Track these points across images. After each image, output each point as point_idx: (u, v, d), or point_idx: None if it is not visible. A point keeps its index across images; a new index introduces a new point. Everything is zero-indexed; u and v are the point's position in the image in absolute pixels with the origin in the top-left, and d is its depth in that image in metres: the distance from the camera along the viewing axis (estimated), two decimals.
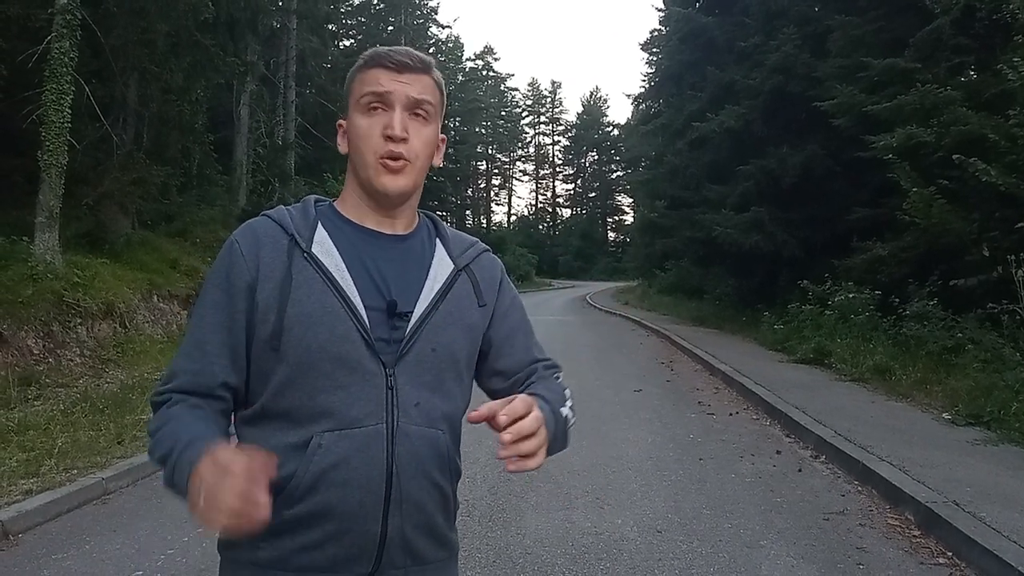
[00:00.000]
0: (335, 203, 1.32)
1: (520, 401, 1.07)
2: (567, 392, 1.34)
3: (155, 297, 11.35)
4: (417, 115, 1.25)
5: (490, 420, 1.07)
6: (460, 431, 1.32)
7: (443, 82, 1.32)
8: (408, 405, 1.19)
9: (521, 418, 1.06)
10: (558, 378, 1.39)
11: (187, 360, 1.20)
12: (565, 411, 1.27)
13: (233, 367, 1.20)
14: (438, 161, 1.34)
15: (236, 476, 0.95)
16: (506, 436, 1.04)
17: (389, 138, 1.21)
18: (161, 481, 1.13)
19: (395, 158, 1.22)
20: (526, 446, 1.05)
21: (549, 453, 1.16)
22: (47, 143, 9.44)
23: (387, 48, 1.27)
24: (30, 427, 6.09)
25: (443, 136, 1.35)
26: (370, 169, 1.23)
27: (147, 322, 10.73)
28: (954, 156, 8.45)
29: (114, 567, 3.93)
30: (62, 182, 9.66)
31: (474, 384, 1.38)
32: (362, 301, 1.19)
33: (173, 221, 15.03)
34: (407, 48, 1.28)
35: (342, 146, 1.30)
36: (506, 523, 4.56)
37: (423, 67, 1.26)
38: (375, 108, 1.24)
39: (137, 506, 4.94)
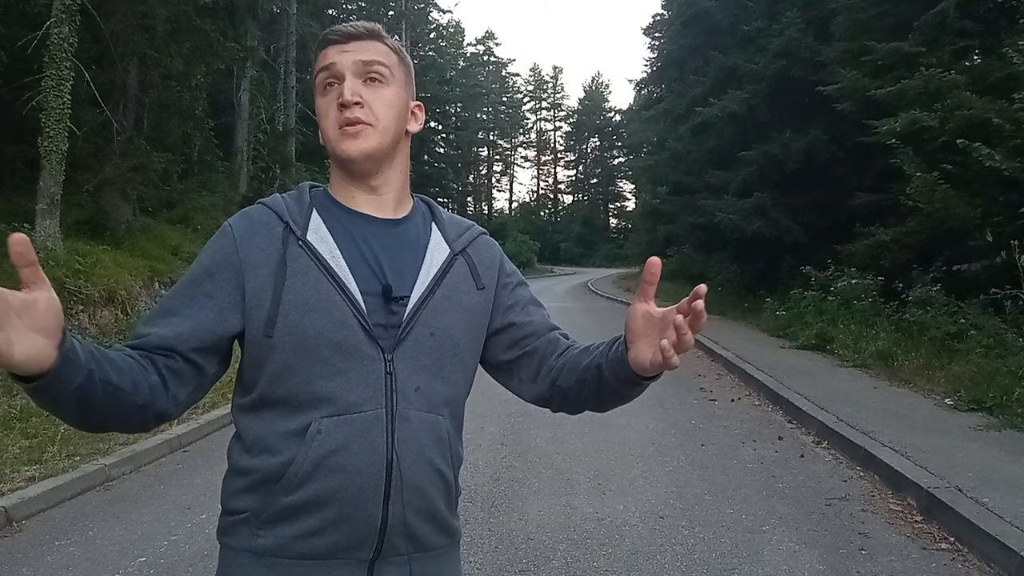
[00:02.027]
0: (328, 188, 1.31)
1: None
2: None
3: (156, 284, 11.34)
4: (372, 79, 1.23)
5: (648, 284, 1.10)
6: (462, 417, 1.31)
7: (400, 48, 1.31)
8: (408, 390, 1.18)
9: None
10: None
11: (144, 326, 1.17)
12: None
13: (191, 336, 1.16)
14: (415, 128, 1.32)
15: None
16: (700, 305, 1.02)
17: (342, 105, 1.20)
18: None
19: (351, 123, 1.21)
20: (688, 337, 1.04)
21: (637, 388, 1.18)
22: (47, 129, 9.41)
23: (334, 26, 1.26)
24: (33, 414, 6.09)
25: (418, 103, 1.34)
26: (332, 142, 1.23)
27: (149, 309, 10.72)
28: (958, 140, 8.40)
29: (117, 553, 3.94)
30: (63, 168, 9.64)
31: (478, 371, 1.36)
32: (358, 287, 1.17)
33: (174, 208, 15.00)
34: (358, 21, 1.27)
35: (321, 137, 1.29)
36: (508, 509, 4.57)
37: (370, 34, 1.26)
38: (330, 85, 1.23)
39: (140, 492, 4.95)
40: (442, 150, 54.19)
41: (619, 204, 78.60)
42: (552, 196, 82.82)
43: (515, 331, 1.33)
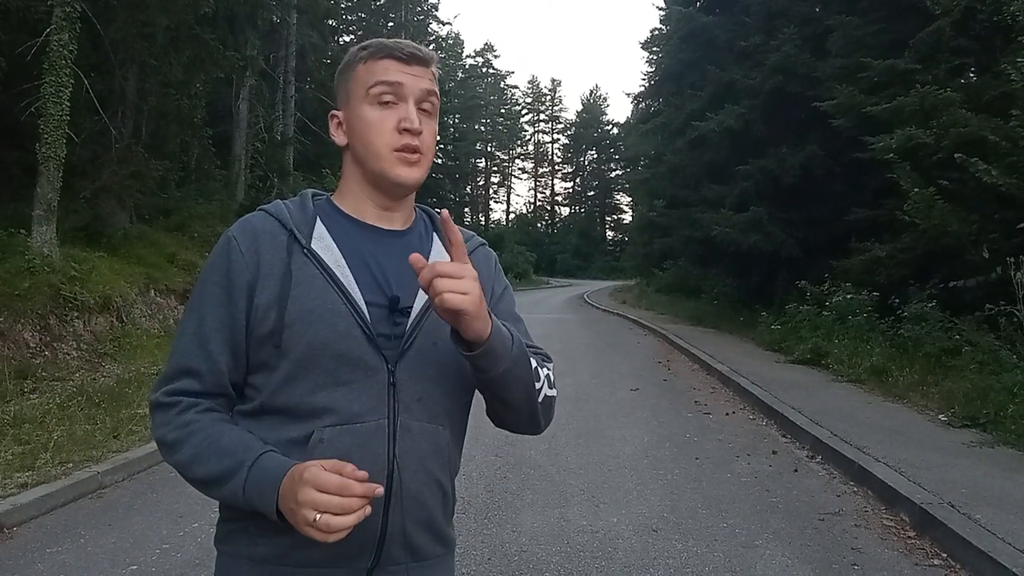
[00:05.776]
0: (332, 197, 1.31)
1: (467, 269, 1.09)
2: (550, 375, 1.30)
3: (152, 291, 11.33)
4: (424, 109, 1.25)
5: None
6: (464, 427, 1.32)
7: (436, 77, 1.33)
8: (410, 400, 1.19)
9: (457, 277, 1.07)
10: (546, 366, 1.34)
11: (192, 359, 1.19)
12: (542, 377, 1.24)
13: (235, 364, 1.20)
14: None
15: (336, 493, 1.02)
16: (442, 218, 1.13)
17: (407, 131, 1.21)
18: (218, 494, 1.15)
19: (413, 151, 1.22)
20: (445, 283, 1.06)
21: (506, 380, 1.17)
22: (45, 136, 9.41)
23: (392, 40, 1.27)
24: (26, 420, 6.07)
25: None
26: (384, 161, 1.22)
27: (144, 316, 10.71)
28: (956, 155, 8.45)
29: (109, 561, 3.92)
30: (60, 175, 9.64)
31: None
32: (363, 297, 1.18)
33: (171, 215, 15.00)
34: (409, 41, 1.27)
35: (338, 137, 1.28)
36: (502, 520, 4.56)
37: (429, 60, 1.27)
38: (388, 102, 1.23)
39: (132, 500, 4.93)
40: (440, 161, 54.28)
41: (616, 216, 78.84)
42: (549, 208, 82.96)
43: None
